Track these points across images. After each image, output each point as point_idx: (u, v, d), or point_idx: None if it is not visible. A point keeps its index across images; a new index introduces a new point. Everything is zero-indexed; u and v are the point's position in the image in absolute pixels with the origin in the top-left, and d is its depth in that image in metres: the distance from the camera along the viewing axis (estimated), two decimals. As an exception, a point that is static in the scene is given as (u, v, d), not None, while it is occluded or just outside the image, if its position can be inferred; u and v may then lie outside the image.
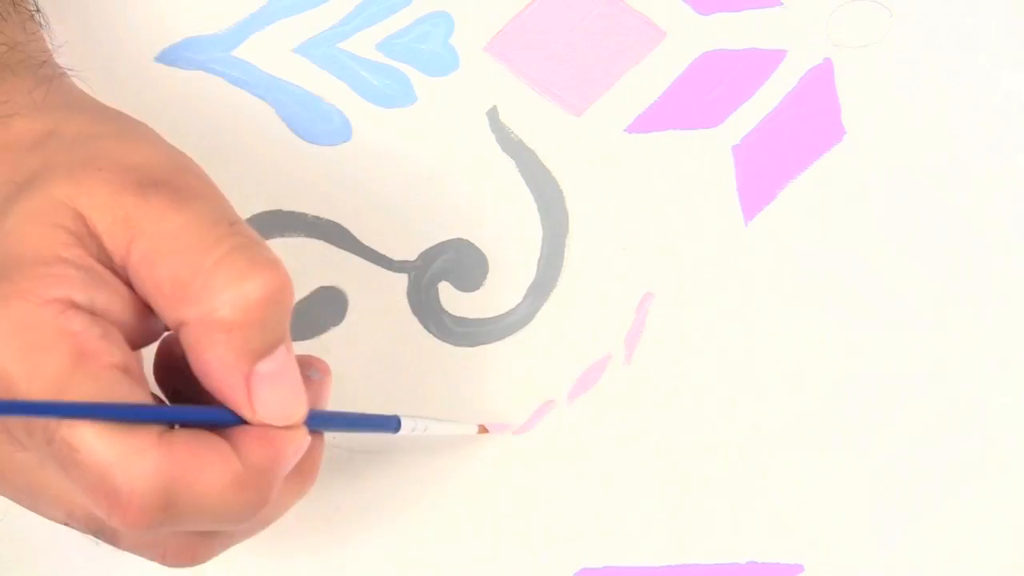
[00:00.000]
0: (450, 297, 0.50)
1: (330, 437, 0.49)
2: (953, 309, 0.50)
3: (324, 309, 0.50)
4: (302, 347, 0.50)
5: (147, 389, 0.37)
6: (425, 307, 0.50)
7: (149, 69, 0.51)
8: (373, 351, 0.50)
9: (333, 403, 0.47)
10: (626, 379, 0.50)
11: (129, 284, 0.37)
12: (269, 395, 0.37)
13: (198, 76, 0.51)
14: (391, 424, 0.44)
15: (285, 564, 0.49)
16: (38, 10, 0.47)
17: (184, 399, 0.40)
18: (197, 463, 0.36)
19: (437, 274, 0.50)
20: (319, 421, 0.40)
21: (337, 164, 0.51)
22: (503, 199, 0.51)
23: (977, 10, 0.52)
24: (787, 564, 0.49)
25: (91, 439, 0.35)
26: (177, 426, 0.37)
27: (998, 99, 0.52)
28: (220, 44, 0.51)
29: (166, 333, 0.40)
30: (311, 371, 0.41)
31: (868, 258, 0.51)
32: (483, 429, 0.49)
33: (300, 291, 0.50)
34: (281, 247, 0.50)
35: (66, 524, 0.40)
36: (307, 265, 0.50)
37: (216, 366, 0.37)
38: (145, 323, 0.38)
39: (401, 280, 0.50)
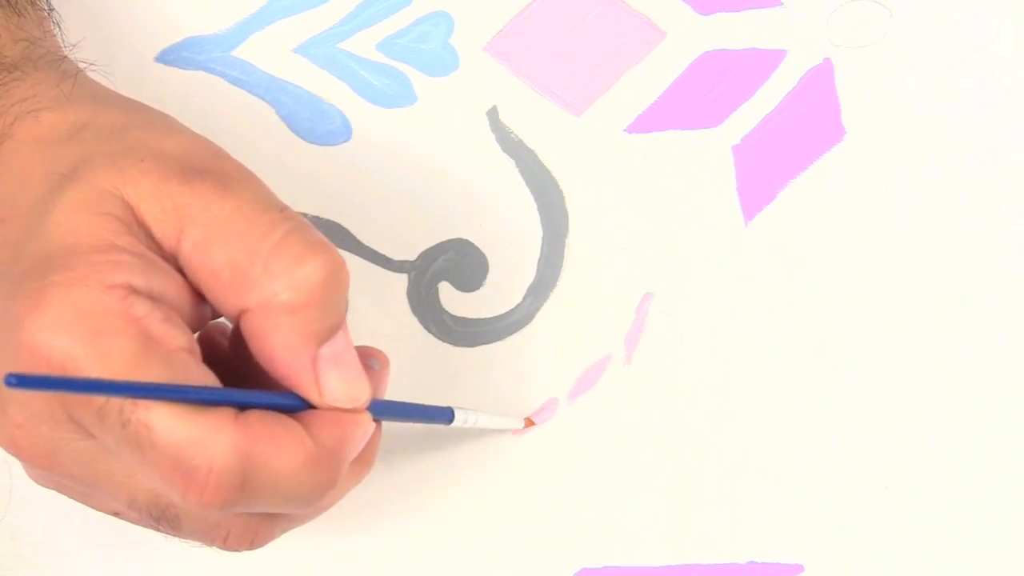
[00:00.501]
0: (450, 297, 0.50)
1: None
2: (953, 309, 0.50)
3: (324, 309, 0.50)
4: (302, 347, 0.50)
5: (211, 373, 0.37)
6: (425, 307, 0.50)
7: (149, 69, 0.51)
8: (373, 351, 0.50)
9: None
10: (626, 379, 0.50)
11: (180, 272, 0.38)
12: (335, 378, 0.38)
13: (198, 76, 0.51)
14: (445, 415, 0.45)
15: (286, 563, 0.49)
16: (52, 9, 0.47)
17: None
18: (273, 442, 0.36)
19: (437, 274, 0.50)
20: (379, 409, 0.41)
21: (337, 164, 0.51)
22: (503, 199, 0.51)
23: (977, 10, 0.52)
24: (787, 564, 0.49)
25: (168, 419, 0.35)
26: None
27: (998, 99, 0.52)
28: (220, 44, 0.51)
29: (205, 328, 0.40)
30: (372, 361, 0.41)
31: (868, 258, 0.51)
32: (529, 422, 0.49)
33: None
34: (281, 247, 0.50)
35: (118, 515, 0.40)
36: (307, 265, 0.50)
37: (282, 352, 0.37)
38: (197, 310, 0.38)
39: (401, 280, 0.50)
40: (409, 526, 0.49)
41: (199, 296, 0.38)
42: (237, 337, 0.39)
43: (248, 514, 0.39)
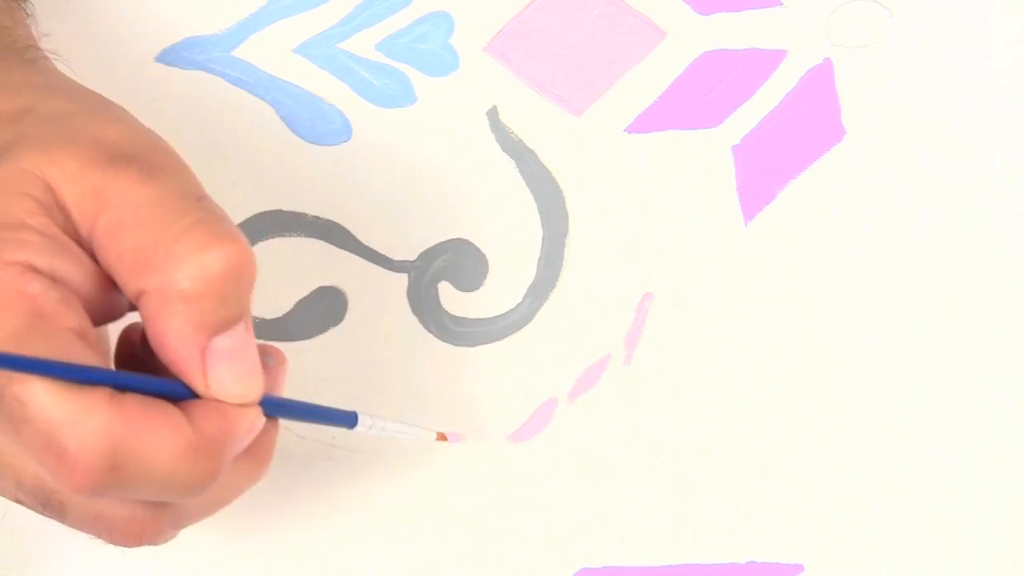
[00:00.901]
0: (450, 297, 0.50)
1: (330, 437, 0.49)
2: (953, 309, 0.50)
3: (324, 309, 0.50)
4: (302, 347, 0.50)
5: (104, 359, 0.37)
6: (425, 307, 0.50)
7: (149, 69, 0.51)
8: (373, 351, 0.50)
9: (334, 402, 0.47)
10: (626, 379, 0.50)
11: (94, 258, 0.38)
12: (224, 370, 0.37)
13: (198, 76, 0.51)
14: (348, 420, 0.44)
15: (287, 563, 0.49)
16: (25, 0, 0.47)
17: None
18: (148, 426, 0.36)
19: (437, 274, 0.50)
20: (274, 407, 0.40)
21: (337, 164, 0.51)
22: (503, 199, 0.51)
23: (977, 10, 0.52)
24: (787, 564, 0.49)
25: (41, 395, 0.35)
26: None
27: (998, 99, 0.52)
28: (220, 44, 0.51)
29: (126, 326, 0.40)
30: (267, 358, 0.41)
31: (868, 258, 0.51)
32: (441, 437, 0.49)
33: (300, 291, 0.50)
34: (281, 247, 0.50)
35: (16, 499, 0.40)
36: (307, 265, 0.50)
37: (172, 337, 0.37)
38: (107, 298, 0.38)
39: (401, 280, 0.50)
40: (408, 526, 0.49)
41: (111, 284, 0.38)
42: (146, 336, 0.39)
43: (132, 504, 0.39)
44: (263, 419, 0.39)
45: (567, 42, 0.52)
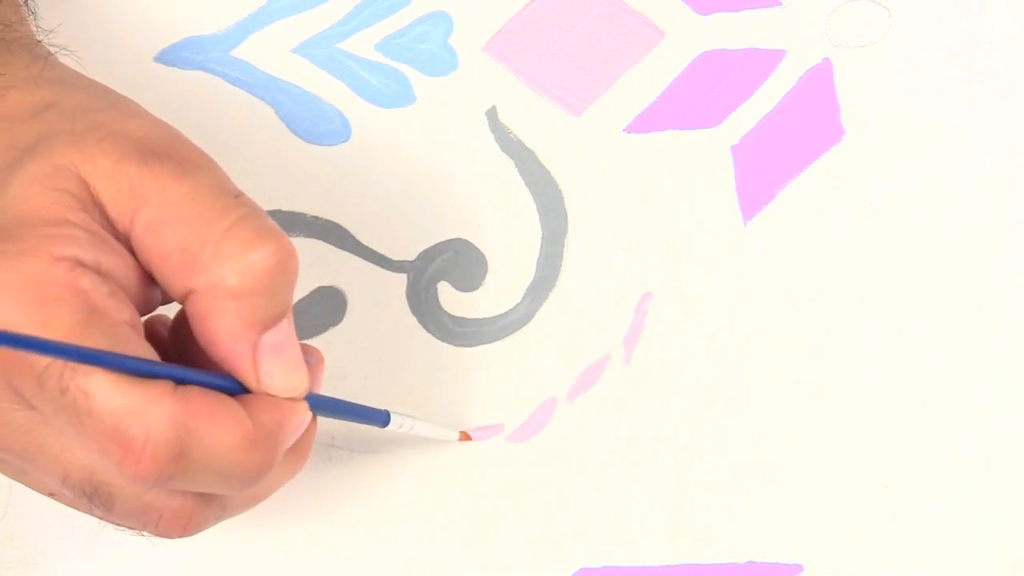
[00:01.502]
0: (450, 297, 0.50)
1: (329, 438, 0.49)
2: (953, 309, 0.50)
3: (324, 309, 0.50)
4: (301, 347, 0.50)
5: (153, 350, 0.38)
6: (424, 307, 0.50)
7: (149, 69, 0.51)
8: (372, 351, 0.50)
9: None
10: (625, 379, 0.50)
11: (131, 252, 0.38)
12: (274, 365, 0.38)
13: (198, 76, 0.51)
14: (381, 418, 0.45)
15: (288, 563, 0.49)
16: None
17: None
18: (211, 416, 0.36)
19: (436, 274, 0.50)
20: (314, 403, 0.41)
21: (337, 164, 0.51)
22: (503, 199, 0.51)
23: (976, 10, 0.52)
24: (787, 564, 0.49)
25: (107, 387, 0.35)
26: None
27: (997, 99, 0.52)
28: (220, 44, 0.51)
29: (147, 318, 0.40)
30: (308, 356, 0.41)
31: (867, 258, 0.51)
32: (465, 436, 0.49)
33: (300, 291, 0.50)
34: (281, 247, 0.50)
35: (53, 495, 0.40)
36: (307, 265, 0.50)
37: (224, 335, 0.37)
38: (145, 291, 0.39)
39: (400, 280, 0.50)
40: (408, 525, 0.49)
41: (148, 278, 0.39)
42: (178, 328, 0.39)
43: (182, 495, 0.39)
44: (310, 413, 0.40)
45: (566, 42, 0.52)
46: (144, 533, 0.40)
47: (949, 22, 0.52)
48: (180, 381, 0.37)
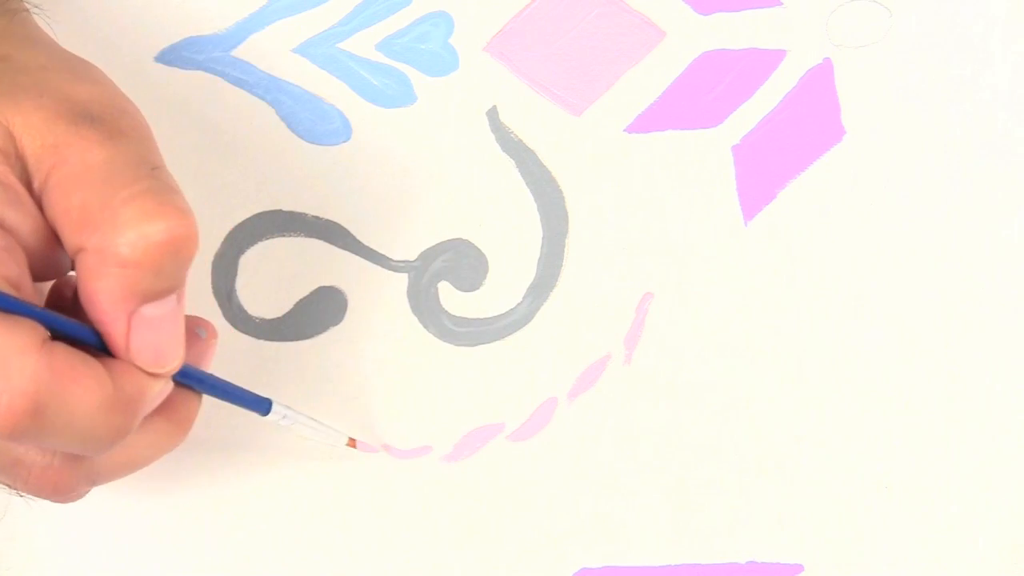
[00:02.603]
0: (450, 297, 0.50)
1: (329, 438, 0.49)
2: (953, 309, 0.50)
3: (324, 309, 0.50)
4: (302, 347, 0.50)
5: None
6: (425, 307, 0.50)
7: (149, 69, 0.51)
8: (373, 351, 0.50)
9: (334, 402, 0.47)
10: (625, 379, 0.50)
11: (43, 213, 0.38)
12: (146, 339, 0.38)
13: (198, 76, 0.51)
14: (262, 406, 0.45)
15: (288, 563, 0.49)
16: None
17: None
18: (74, 375, 0.36)
19: (437, 274, 0.50)
20: (194, 379, 0.41)
21: (337, 164, 0.51)
22: (503, 199, 0.51)
23: (976, 10, 0.52)
24: (787, 564, 0.49)
25: None
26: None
27: (998, 99, 0.52)
28: (220, 44, 0.51)
29: (58, 279, 0.40)
30: (199, 329, 0.42)
31: (868, 258, 0.51)
32: (352, 442, 0.49)
33: (300, 291, 0.50)
34: (281, 247, 0.50)
35: None
36: (307, 265, 0.50)
37: (103, 297, 0.37)
38: (51, 254, 0.39)
39: (401, 280, 0.50)
40: (408, 525, 0.49)
41: (55, 241, 0.38)
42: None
43: (50, 455, 0.39)
44: (171, 384, 0.40)
45: (567, 42, 0.52)
46: (19, 492, 0.40)
47: (949, 22, 0.52)
48: (48, 325, 0.37)
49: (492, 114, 0.51)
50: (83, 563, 0.48)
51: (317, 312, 0.50)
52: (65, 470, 0.40)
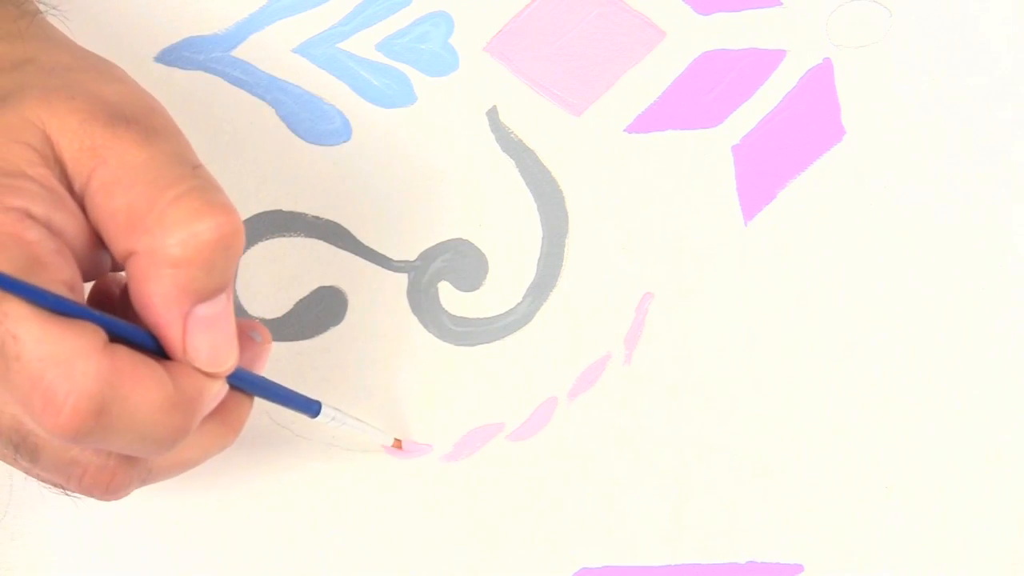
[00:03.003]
0: (450, 297, 0.50)
1: (329, 437, 0.49)
2: (953, 309, 0.50)
3: (324, 309, 0.50)
4: (302, 347, 0.50)
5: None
6: (425, 307, 0.50)
7: (149, 69, 0.51)
8: (373, 351, 0.50)
9: (334, 402, 0.47)
10: (625, 379, 0.50)
11: (85, 214, 0.38)
12: (202, 339, 0.38)
13: (198, 76, 0.51)
14: (312, 408, 0.45)
15: (288, 563, 0.49)
16: None
17: None
18: (136, 376, 0.36)
19: (437, 274, 0.50)
20: (247, 382, 0.41)
21: (337, 164, 0.51)
22: (503, 199, 0.51)
23: (976, 10, 0.52)
24: (787, 564, 0.49)
25: (37, 332, 0.35)
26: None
27: (997, 99, 0.52)
28: (220, 44, 0.51)
29: (101, 278, 0.40)
30: (253, 332, 0.42)
31: (867, 258, 0.51)
32: (397, 444, 0.49)
33: (300, 291, 0.50)
34: (281, 247, 0.50)
35: None
36: (307, 265, 0.50)
37: (157, 300, 0.37)
38: (94, 255, 0.39)
39: (401, 280, 0.50)
40: (408, 525, 0.49)
41: (98, 241, 0.39)
42: (127, 291, 0.39)
43: (106, 455, 0.39)
44: (227, 388, 0.40)
45: (567, 42, 0.52)
46: (68, 492, 0.40)
47: (949, 22, 0.52)
48: (109, 329, 0.37)
49: (492, 114, 0.51)
50: (83, 563, 0.48)
51: (317, 312, 0.50)
52: (120, 470, 0.40)
